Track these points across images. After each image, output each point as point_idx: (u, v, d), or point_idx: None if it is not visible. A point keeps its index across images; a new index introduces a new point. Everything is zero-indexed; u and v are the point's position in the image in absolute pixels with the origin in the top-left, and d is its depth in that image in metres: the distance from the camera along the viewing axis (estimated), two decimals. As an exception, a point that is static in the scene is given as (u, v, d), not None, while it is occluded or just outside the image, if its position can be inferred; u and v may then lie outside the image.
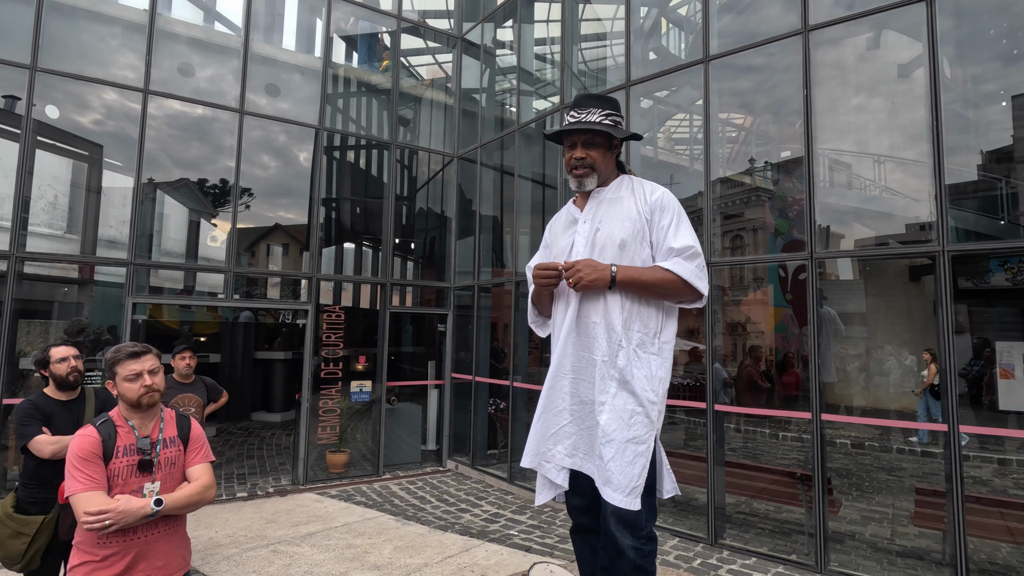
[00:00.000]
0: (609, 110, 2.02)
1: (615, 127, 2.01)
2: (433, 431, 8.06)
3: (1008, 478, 6.07)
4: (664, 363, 1.90)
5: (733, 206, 8.21)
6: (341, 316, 7.08)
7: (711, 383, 4.93)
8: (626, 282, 1.84)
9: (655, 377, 1.87)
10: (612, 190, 2.05)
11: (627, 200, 2.00)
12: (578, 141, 2.02)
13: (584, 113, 2.02)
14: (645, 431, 1.82)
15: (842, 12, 4.62)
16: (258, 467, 7.30)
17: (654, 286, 1.85)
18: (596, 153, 2.01)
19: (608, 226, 1.97)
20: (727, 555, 4.57)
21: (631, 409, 1.82)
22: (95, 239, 6.18)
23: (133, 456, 2.03)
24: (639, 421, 1.82)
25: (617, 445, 1.79)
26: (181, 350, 4.24)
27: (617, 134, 1.99)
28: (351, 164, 8.30)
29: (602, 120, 2.00)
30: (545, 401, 1.98)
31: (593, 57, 7.58)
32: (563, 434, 1.93)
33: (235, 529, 4.88)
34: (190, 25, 6.88)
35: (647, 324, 1.90)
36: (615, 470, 1.77)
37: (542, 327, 2.21)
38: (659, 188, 2.01)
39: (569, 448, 1.92)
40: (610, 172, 2.08)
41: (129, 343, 2.17)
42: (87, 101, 6.09)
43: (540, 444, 1.97)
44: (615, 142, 2.05)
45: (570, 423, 1.93)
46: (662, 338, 1.92)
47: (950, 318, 3.86)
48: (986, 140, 5.16)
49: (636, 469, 1.78)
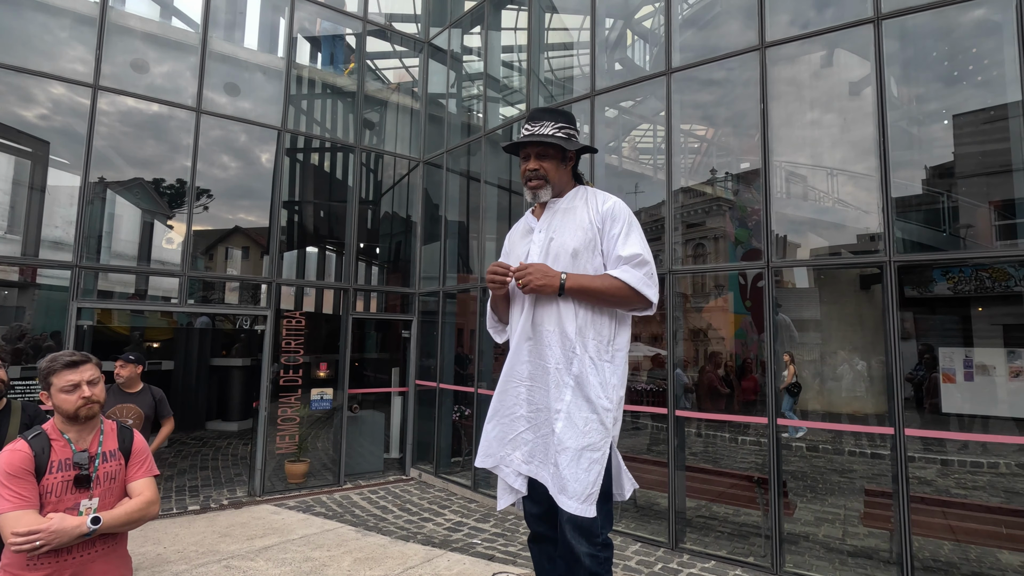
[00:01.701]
0: (562, 123, 2.05)
1: (568, 140, 2.04)
2: (396, 439, 7.93)
3: (950, 478, 6.36)
4: (617, 370, 1.93)
5: (695, 215, 8.40)
6: (302, 322, 6.91)
7: (672, 388, 5.01)
8: (575, 289, 1.87)
9: (608, 384, 1.89)
10: (567, 200, 2.09)
11: (580, 210, 2.03)
12: (532, 153, 2.05)
13: (537, 126, 2.05)
14: (600, 438, 1.84)
15: (797, 30, 4.80)
16: (212, 478, 7.03)
17: (603, 293, 1.88)
18: (549, 165, 2.04)
19: (561, 235, 2.00)
20: (687, 559, 4.64)
21: (585, 416, 1.84)
22: (38, 240, 5.86)
23: (69, 471, 1.92)
24: (594, 428, 1.83)
25: (572, 453, 1.80)
26: (126, 359, 4.06)
27: (569, 146, 2.02)
28: (315, 166, 8.14)
29: (555, 133, 2.03)
30: (497, 404, 2.01)
31: (560, 66, 7.66)
32: (520, 440, 1.96)
33: (185, 544, 4.68)
34: (145, 20, 6.63)
35: (600, 331, 1.92)
36: (570, 477, 1.78)
37: (500, 333, 2.24)
38: (611, 198, 2.05)
39: (526, 455, 1.94)
40: (565, 183, 2.11)
41: (67, 351, 2.05)
42: (32, 95, 5.79)
43: (499, 447, 2.00)
44: (568, 154, 2.08)
45: (527, 430, 1.95)
46: (615, 345, 1.94)
47: (897, 325, 4.03)
48: (930, 156, 5.43)
49: (591, 476, 1.79)
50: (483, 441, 2.05)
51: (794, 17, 5.01)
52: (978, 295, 7.37)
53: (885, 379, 4.12)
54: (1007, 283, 7.08)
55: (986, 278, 7.31)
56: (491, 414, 2.04)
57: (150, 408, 4.07)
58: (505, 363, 2.01)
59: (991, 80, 4.72)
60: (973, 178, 5.36)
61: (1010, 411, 4.98)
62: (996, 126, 4.46)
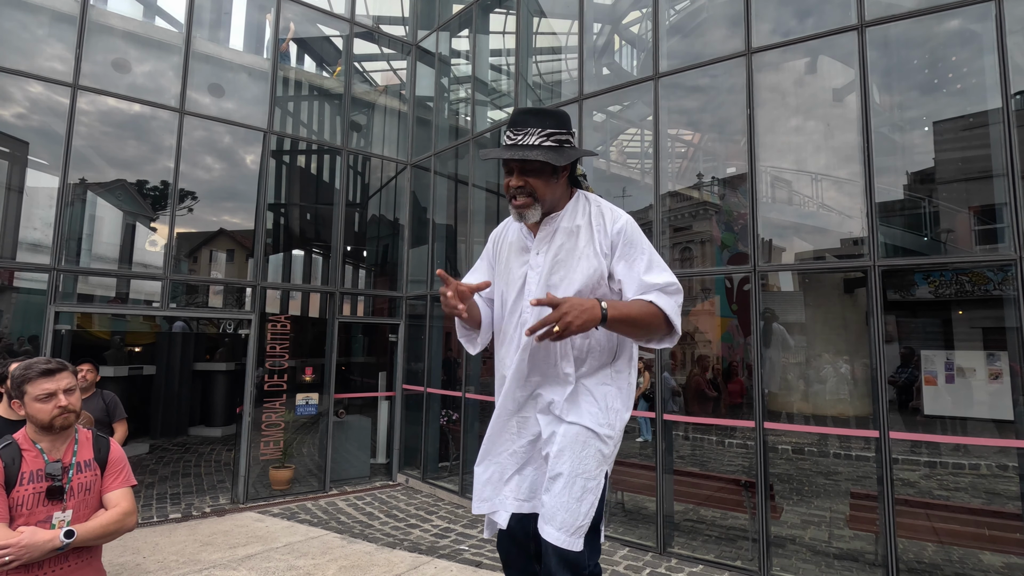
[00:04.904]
0: (552, 128, 1.69)
1: (559, 149, 1.68)
2: (383, 444, 7.85)
3: (933, 480, 6.45)
4: (621, 394, 1.75)
5: (682, 219, 8.45)
6: (287, 326, 6.82)
7: (660, 392, 5.01)
8: (617, 319, 1.60)
9: (611, 410, 1.72)
10: (567, 217, 1.77)
11: (584, 233, 1.74)
12: (515, 167, 1.70)
13: (521, 134, 1.69)
14: (596, 466, 1.67)
15: (782, 38, 4.85)
16: (195, 485, 6.90)
17: (641, 323, 1.63)
18: (537, 181, 1.69)
19: (566, 269, 1.73)
20: (675, 563, 4.63)
21: (582, 442, 1.67)
22: (15, 242, 5.72)
23: (41, 483, 1.86)
24: (589, 455, 1.67)
25: (565, 479, 1.63)
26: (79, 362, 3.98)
27: (557, 161, 1.64)
28: (301, 169, 8.06)
29: (541, 143, 1.67)
30: (489, 445, 1.81)
31: (548, 70, 7.67)
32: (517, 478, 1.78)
33: (166, 554, 4.58)
34: (126, 19, 6.53)
35: (599, 356, 1.74)
36: (560, 506, 1.62)
37: (472, 342, 1.99)
38: (621, 216, 1.76)
39: (527, 492, 1.76)
40: (559, 197, 1.77)
41: (42, 359, 1.99)
42: (9, 93, 5.66)
43: (493, 491, 1.80)
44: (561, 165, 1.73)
45: (525, 464, 1.78)
46: (616, 367, 1.76)
47: (880, 328, 4.07)
48: (911, 162, 5.52)
49: (583, 507, 1.62)
50: (476, 485, 1.83)
51: (779, 25, 5.07)
52: (958, 299, 7.49)
53: (869, 382, 4.16)
54: (986, 287, 7.20)
55: (966, 282, 7.44)
56: (482, 455, 1.83)
57: (101, 412, 3.94)
58: (497, 396, 1.83)
59: (970, 88, 4.81)
60: (953, 184, 5.45)
61: (990, 413, 5.06)
62: (975, 133, 4.54)
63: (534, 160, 1.66)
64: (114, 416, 4.07)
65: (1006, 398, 4.58)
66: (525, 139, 1.69)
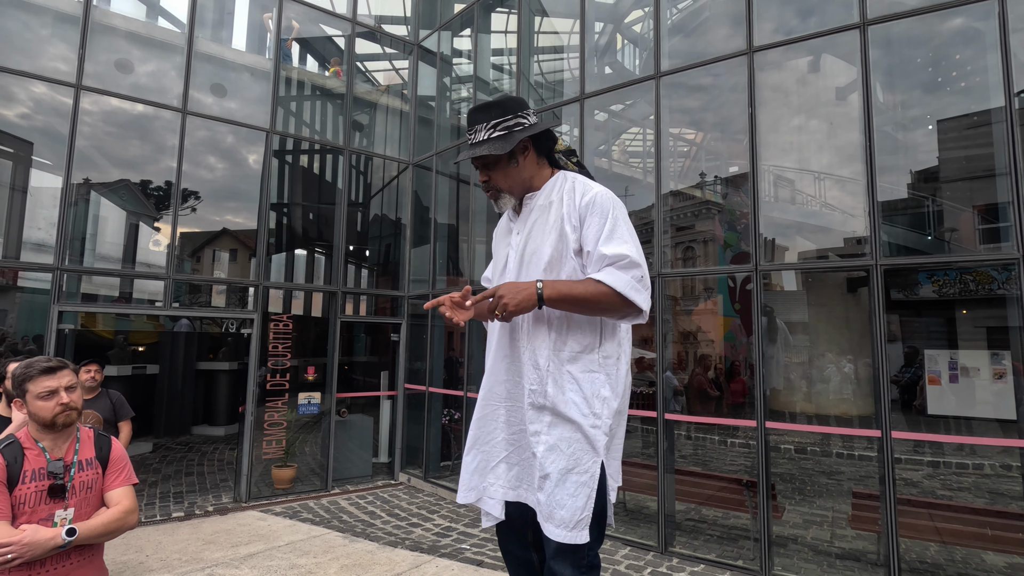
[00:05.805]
0: (496, 118, 1.73)
1: (507, 135, 1.72)
2: (385, 443, 7.87)
3: (937, 479, 6.42)
4: (609, 380, 1.70)
5: (684, 218, 8.43)
6: (290, 325, 6.83)
7: (662, 392, 5.01)
8: (555, 298, 1.60)
9: (598, 397, 1.67)
10: (544, 194, 1.80)
11: (556, 208, 1.74)
12: (477, 164, 1.78)
13: (473, 133, 1.76)
14: (588, 458, 1.64)
15: (784, 36, 4.84)
16: (197, 484, 6.93)
17: (586, 301, 1.61)
18: (495, 173, 1.77)
19: (535, 240, 1.76)
20: (677, 563, 4.63)
21: (568, 437, 1.64)
22: (19, 242, 5.75)
23: (43, 481, 1.87)
24: (579, 448, 1.64)
25: (555, 477, 1.62)
26: (87, 363, 4.01)
27: (501, 149, 1.69)
28: (303, 168, 8.07)
29: (489, 136, 1.73)
30: (476, 432, 1.80)
31: (550, 69, 7.67)
32: (504, 466, 1.77)
33: (168, 553, 4.60)
34: (129, 19, 6.55)
35: (581, 341, 1.69)
36: (555, 504, 1.61)
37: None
38: (593, 187, 1.74)
39: (512, 480, 1.75)
40: (529, 178, 1.81)
41: (43, 357, 2.00)
42: (13, 94, 5.69)
43: (479, 479, 1.80)
44: (516, 150, 1.76)
45: (512, 453, 1.76)
46: (603, 352, 1.71)
47: (883, 327, 4.06)
48: (914, 161, 5.50)
49: (579, 501, 1.60)
50: (463, 474, 1.82)
51: (781, 23, 5.05)
52: (962, 298, 7.47)
53: (872, 381, 4.15)
54: (990, 286, 7.18)
55: (970, 281, 7.42)
56: (470, 444, 1.82)
57: (108, 411, 4.00)
58: (483, 384, 1.82)
59: (974, 86, 4.78)
60: (957, 182, 5.43)
61: (994, 412, 5.03)
62: (979, 131, 4.52)
63: (484, 155, 1.73)
64: (120, 415, 4.11)
65: (1010, 398, 4.56)
66: (476, 136, 1.76)
